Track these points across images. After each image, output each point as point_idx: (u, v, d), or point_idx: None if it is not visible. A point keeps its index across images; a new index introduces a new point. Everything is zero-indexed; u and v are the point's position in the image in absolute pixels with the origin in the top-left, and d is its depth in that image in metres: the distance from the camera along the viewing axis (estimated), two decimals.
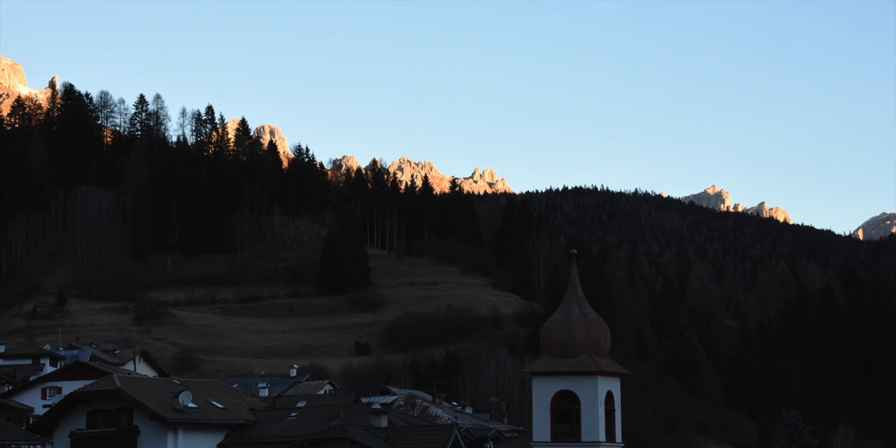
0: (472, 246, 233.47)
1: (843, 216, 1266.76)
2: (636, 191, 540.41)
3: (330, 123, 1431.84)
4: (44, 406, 74.59)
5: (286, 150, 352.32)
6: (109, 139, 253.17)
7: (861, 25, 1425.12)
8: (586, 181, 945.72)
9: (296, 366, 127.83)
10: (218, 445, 59.94)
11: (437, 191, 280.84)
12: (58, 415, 60.27)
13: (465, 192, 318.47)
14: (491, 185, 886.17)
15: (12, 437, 59.04)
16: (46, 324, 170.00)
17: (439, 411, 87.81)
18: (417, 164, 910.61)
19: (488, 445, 73.76)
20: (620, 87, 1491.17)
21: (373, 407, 62.80)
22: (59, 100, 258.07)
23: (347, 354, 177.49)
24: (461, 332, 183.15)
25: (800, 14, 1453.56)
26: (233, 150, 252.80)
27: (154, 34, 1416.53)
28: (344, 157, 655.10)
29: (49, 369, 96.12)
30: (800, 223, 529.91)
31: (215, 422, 60.48)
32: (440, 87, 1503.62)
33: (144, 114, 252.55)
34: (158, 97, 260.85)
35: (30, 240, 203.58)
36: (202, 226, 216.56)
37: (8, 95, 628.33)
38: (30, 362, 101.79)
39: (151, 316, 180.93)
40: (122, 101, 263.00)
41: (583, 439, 41.44)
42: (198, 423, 58.93)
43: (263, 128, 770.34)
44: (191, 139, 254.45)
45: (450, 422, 70.94)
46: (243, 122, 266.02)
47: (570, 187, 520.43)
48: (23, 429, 64.24)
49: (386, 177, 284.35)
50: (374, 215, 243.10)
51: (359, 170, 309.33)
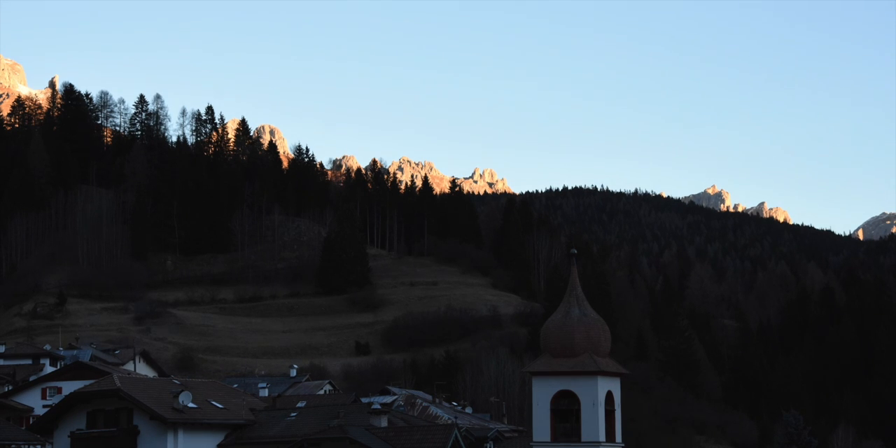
0: (472, 246, 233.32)
1: (843, 216, 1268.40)
2: (636, 191, 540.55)
3: (330, 123, 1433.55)
4: (44, 406, 74.58)
5: (286, 150, 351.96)
6: (109, 139, 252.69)
7: (861, 26, 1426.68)
8: (586, 181, 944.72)
9: (296, 366, 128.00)
10: (218, 445, 59.94)
11: (437, 191, 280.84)
12: (58, 415, 60.21)
13: (465, 192, 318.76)
14: (491, 185, 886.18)
15: (12, 437, 59.08)
16: (46, 324, 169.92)
17: (439, 411, 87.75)
18: (417, 164, 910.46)
19: (488, 445, 73.83)
20: (620, 87, 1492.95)
21: (373, 407, 62.78)
22: (59, 100, 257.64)
23: (347, 354, 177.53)
24: (461, 332, 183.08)
25: (800, 14, 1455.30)
26: (233, 150, 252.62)
27: (154, 34, 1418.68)
28: (344, 157, 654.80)
29: (49, 369, 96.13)
30: (800, 223, 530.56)
31: (215, 422, 60.47)
32: (440, 87, 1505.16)
33: (144, 114, 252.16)
34: (158, 97, 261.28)
35: (30, 240, 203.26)
36: (202, 226, 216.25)
37: (8, 95, 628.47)
38: (30, 362, 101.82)
39: (151, 316, 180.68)
40: (122, 101, 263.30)
41: (583, 439, 41.52)
42: (198, 423, 58.91)
43: (263, 128, 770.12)
44: (191, 139, 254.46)
45: (450, 422, 70.89)
46: (243, 122, 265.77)
47: (570, 187, 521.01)
48: (23, 429, 64.26)
49: (386, 177, 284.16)
50: (374, 215, 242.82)
51: (359, 170, 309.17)
